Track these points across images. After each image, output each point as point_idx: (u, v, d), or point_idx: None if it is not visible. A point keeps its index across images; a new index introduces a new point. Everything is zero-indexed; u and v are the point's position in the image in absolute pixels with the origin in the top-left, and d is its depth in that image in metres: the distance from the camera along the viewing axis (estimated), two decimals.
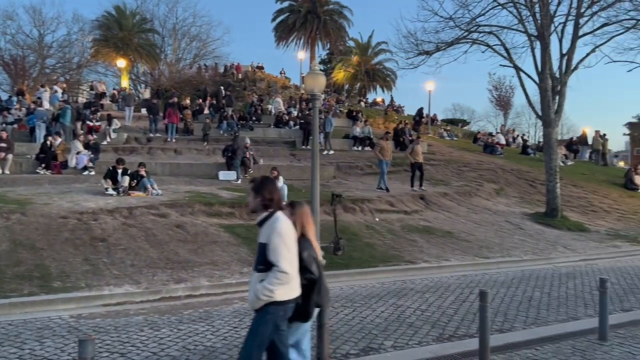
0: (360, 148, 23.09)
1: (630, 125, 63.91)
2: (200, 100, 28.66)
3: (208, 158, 19.37)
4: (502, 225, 14.95)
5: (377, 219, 13.73)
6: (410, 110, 39.14)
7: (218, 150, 19.36)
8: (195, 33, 45.07)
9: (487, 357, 5.50)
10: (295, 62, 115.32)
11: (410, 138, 23.39)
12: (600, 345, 6.10)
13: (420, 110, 31.26)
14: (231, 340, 6.20)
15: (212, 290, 8.50)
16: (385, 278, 9.83)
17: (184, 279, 8.71)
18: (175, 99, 23.75)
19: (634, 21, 16.52)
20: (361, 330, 6.70)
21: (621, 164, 46.01)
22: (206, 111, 26.00)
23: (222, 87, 31.22)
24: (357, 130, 23.78)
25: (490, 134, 33.71)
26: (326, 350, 4.67)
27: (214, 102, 27.92)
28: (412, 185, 16.92)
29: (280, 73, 46.43)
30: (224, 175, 17.00)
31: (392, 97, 44.39)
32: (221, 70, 41.36)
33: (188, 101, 28.28)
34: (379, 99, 45.11)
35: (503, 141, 30.49)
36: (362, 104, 39.83)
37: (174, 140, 21.12)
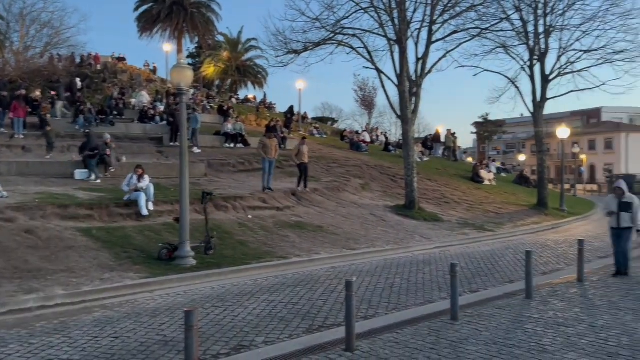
0: (232, 145, 22.80)
1: (476, 124, 71.30)
2: (54, 93, 26.11)
3: (62, 156, 17.74)
4: (367, 218, 15.79)
5: (249, 216, 13.69)
6: (282, 108, 39.61)
7: (74, 147, 17.82)
8: (47, 19, 40.84)
9: (353, 344, 5.78)
10: (162, 55, 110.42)
11: (282, 135, 23.68)
12: (452, 325, 6.72)
13: (291, 108, 31.77)
14: (91, 351, 5.76)
15: (69, 299, 7.81)
16: (258, 275, 9.85)
17: (36, 289, 7.89)
18: (23, 92, 21.40)
19: (479, 30, 18.45)
20: (233, 329, 6.63)
21: (469, 159, 51.01)
22: (59, 107, 23.61)
23: (77, 79, 28.76)
24: (229, 126, 23.46)
25: (357, 132, 35.35)
26: (195, 353, 4.54)
27: (69, 94, 25.61)
28: (297, 185, 17.01)
29: (145, 65, 44.07)
30: (80, 174, 15.66)
31: (265, 94, 44.58)
32: (77, 60, 38.08)
33: (38, 93, 25.60)
34: (251, 96, 44.94)
35: (368, 139, 32.20)
36: (234, 100, 39.37)
37: (21, 136, 19.01)
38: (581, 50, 21.44)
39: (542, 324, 6.72)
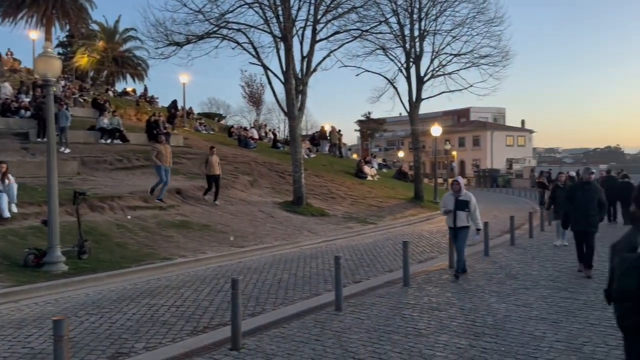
0: (109, 141, 21.37)
1: (360, 122, 74.13)
2: None
3: None
4: (256, 215, 15.74)
5: (129, 217, 12.96)
6: (165, 102, 37.96)
7: None
8: None
9: (239, 342, 5.72)
10: (28, 43, 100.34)
11: (164, 131, 22.71)
12: (336, 315, 6.92)
13: (174, 103, 30.56)
14: None
15: None
16: (139, 278, 9.36)
17: None
18: None
19: (360, 31, 19.17)
20: (110, 336, 6.24)
21: (354, 156, 52.92)
22: None
23: None
24: (105, 121, 21.94)
25: (245, 129, 35.07)
26: None
27: None
28: (204, 194, 16.14)
29: (7, 54, 39.76)
30: None
31: (145, 88, 42.35)
32: None
33: None
34: (129, 89, 42.47)
35: (256, 135, 32.08)
36: (111, 93, 36.96)
37: None
38: (451, 54, 23.25)
39: (418, 309, 7.18)
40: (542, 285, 8.31)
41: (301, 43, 18.13)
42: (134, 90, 41.82)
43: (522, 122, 74.83)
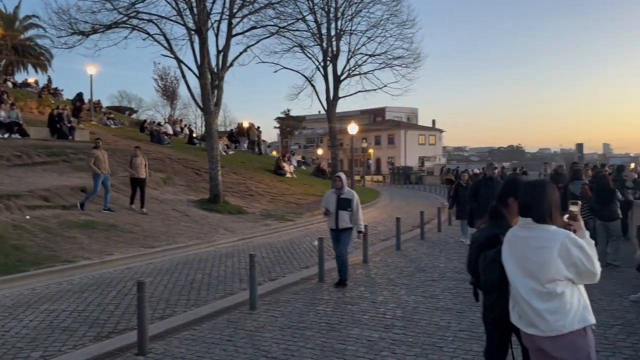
0: (6, 135, 19.68)
1: (279, 119, 74.08)
2: None
3: None
4: (169, 214, 15.20)
5: (27, 217, 12.01)
6: (70, 94, 35.64)
7: None
8: None
9: (146, 347, 5.48)
10: None
11: (69, 125, 21.33)
12: (250, 314, 6.83)
13: (79, 95, 28.82)
14: None
15: None
16: (38, 282, 8.70)
17: None
18: None
19: (277, 28, 19.09)
20: (3, 345, 5.74)
21: (274, 153, 52.80)
22: None
23: None
24: (2, 114, 20.21)
25: (159, 124, 33.79)
26: None
27: None
28: (131, 202, 14.79)
29: None
30: None
31: (49, 79, 39.53)
32: None
33: None
34: (31, 80, 39.46)
35: (171, 131, 31.02)
36: (10, 84, 34.13)
37: None
38: (367, 55, 23.89)
39: (332, 304, 7.27)
40: (448, 277, 8.72)
41: (217, 36, 17.75)
42: (36, 82, 38.89)
43: (433, 122, 78.44)
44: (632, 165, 11.37)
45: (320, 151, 69.62)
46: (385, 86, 24.32)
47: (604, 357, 4.99)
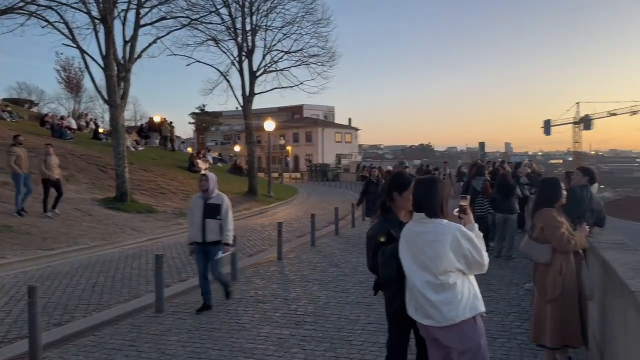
0: None
1: (194, 115, 72.14)
2: None
3: None
4: (70, 214, 14.23)
5: None
6: None
7: None
8: None
9: (38, 356, 5.06)
10: None
11: None
12: (156, 318, 6.53)
13: None
14: None
15: None
16: None
17: None
18: None
19: (189, 19, 18.48)
20: None
21: (189, 149, 51.29)
22: None
23: None
24: None
25: (61, 117, 31.59)
26: None
27: None
28: (44, 210, 13.31)
29: None
30: None
31: None
32: None
33: None
34: None
35: (74, 125, 29.12)
36: None
37: None
38: (283, 51, 23.77)
39: (244, 303, 7.13)
40: (359, 272, 8.88)
41: (123, 26, 16.81)
42: None
43: (349, 120, 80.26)
44: (526, 161, 12.28)
45: (237, 148, 68.59)
46: (301, 83, 24.35)
47: (500, 343, 5.29)
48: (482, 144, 33.43)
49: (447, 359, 3.19)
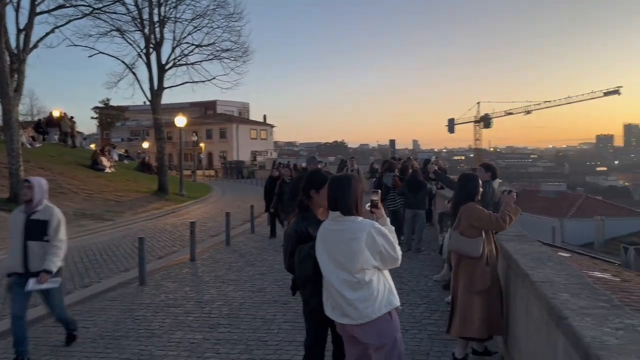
0: None
1: (97, 109, 68.14)
2: None
3: None
4: None
5: None
6: None
7: None
8: None
9: None
10: None
11: None
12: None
13: None
14: None
15: None
16: None
17: None
18: None
19: (91, 8, 17.35)
20: None
21: (92, 146, 48.35)
22: None
23: None
24: None
25: None
26: None
27: None
28: None
29: None
30: None
31: None
32: None
33: None
34: None
35: None
36: None
37: None
38: (193, 45, 23.05)
39: (153, 308, 6.80)
40: (276, 270, 8.80)
41: (17, 12, 15.45)
42: None
43: (264, 117, 79.64)
44: (433, 158, 12.88)
45: (146, 144, 65.70)
46: (214, 78, 23.74)
47: (411, 334, 5.45)
48: (392, 142, 34.70)
49: (364, 355, 3.21)
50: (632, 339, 2.13)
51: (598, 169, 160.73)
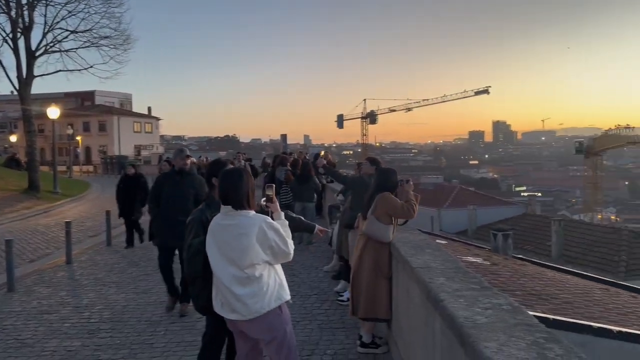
0: None
1: None
2: None
3: None
4: None
5: None
6: None
7: None
8: None
9: None
10: None
11: None
12: None
13: None
14: None
15: None
16: None
17: None
18: None
19: None
20: None
21: None
22: None
23: None
24: None
25: None
26: None
27: None
28: None
29: None
30: None
31: None
32: None
33: None
34: None
35: None
36: None
37: None
38: (68, 30, 21.27)
39: (24, 316, 6.19)
40: None
41: None
42: None
43: (149, 109, 75.85)
44: (322, 152, 13.15)
45: (14, 138, 59.53)
46: (91, 67, 22.10)
47: (302, 325, 5.53)
48: (284, 136, 34.71)
49: (255, 349, 3.20)
50: (499, 317, 2.34)
51: (471, 162, 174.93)
